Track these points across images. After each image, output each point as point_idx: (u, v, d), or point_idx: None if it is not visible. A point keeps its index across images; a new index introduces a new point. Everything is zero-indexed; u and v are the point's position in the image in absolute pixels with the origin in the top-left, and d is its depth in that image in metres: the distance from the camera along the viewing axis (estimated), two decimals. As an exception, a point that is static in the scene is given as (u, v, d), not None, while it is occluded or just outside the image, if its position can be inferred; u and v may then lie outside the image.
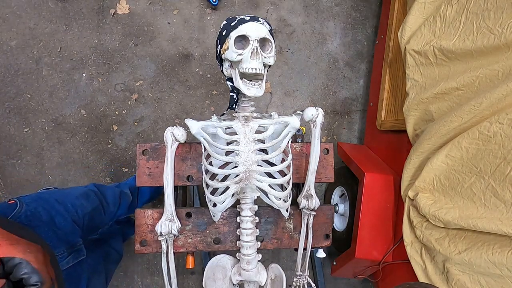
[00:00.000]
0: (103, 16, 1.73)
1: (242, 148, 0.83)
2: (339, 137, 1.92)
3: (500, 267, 0.85)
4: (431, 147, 1.04)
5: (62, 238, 0.89)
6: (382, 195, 1.32)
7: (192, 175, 0.98)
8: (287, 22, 1.86)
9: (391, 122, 1.42)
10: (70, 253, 0.90)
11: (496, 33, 0.88)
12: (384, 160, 1.50)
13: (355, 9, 1.92)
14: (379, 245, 1.30)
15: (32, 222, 0.84)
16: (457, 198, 0.97)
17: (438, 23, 1.06)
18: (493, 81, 0.90)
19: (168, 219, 0.88)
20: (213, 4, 1.74)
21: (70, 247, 0.91)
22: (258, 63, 0.77)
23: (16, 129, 1.65)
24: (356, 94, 1.93)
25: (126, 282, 1.74)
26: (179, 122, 1.77)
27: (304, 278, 0.95)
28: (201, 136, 0.85)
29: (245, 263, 0.83)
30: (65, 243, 0.90)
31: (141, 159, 0.96)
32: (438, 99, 1.06)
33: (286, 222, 1.00)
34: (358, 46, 1.92)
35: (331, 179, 1.04)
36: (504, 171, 0.85)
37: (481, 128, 0.88)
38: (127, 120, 1.74)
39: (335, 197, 1.73)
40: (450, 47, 1.00)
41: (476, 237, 0.93)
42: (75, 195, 1.03)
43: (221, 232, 0.97)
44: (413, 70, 1.16)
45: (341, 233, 1.59)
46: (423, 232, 1.07)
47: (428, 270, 1.07)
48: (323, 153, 1.03)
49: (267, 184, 0.84)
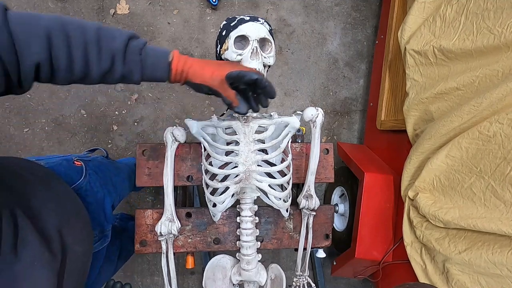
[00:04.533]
0: (102, 16, 1.73)
1: (242, 148, 0.83)
2: (339, 137, 1.92)
3: (500, 267, 0.85)
4: (431, 147, 1.04)
5: (101, 221, 0.87)
6: (382, 195, 1.32)
7: (192, 175, 0.98)
8: (287, 22, 1.86)
9: (391, 122, 1.42)
10: (100, 238, 0.89)
11: (496, 33, 0.88)
12: (384, 160, 1.50)
13: (355, 9, 1.92)
14: (379, 245, 1.30)
15: (87, 197, 0.82)
16: (457, 198, 0.97)
17: (438, 23, 1.06)
18: (493, 81, 0.90)
19: (168, 219, 0.88)
20: (213, 4, 1.74)
21: (101, 231, 0.89)
22: (258, 63, 0.78)
23: (16, 129, 1.65)
24: (356, 94, 1.93)
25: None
26: (179, 122, 1.77)
27: (304, 278, 0.95)
28: (201, 136, 0.85)
29: (245, 263, 0.83)
30: (100, 226, 0.88)
31: (141, 159, 0.96)
32: (438, 99, 1.06)
33: (286, 222, 1.00)
34: (358, 46, 1.92)
35: (331, 179, 1.04)
36: (504, 171, 0.85)
37: (481, 128, 0.88)
38: (127, 120, 1.74)
39: (335, 197, 1.73)
40: (450, 47, 1.00)
41: (476, 237, 0.93)
42: (123, 176, 1.01)
43: (221, 232, 0.97)
44: (413, 70, 1.16)
45: (341, 233, 1.59)
46: (423, 232, 1.07)
47: (428, 270, 1.07)
48: (323, 153, 1.03)
49: (267, 184, 0.84)
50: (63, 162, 0.81)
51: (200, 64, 0.61)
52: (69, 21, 0.50)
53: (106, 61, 0.53)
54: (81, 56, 0.51)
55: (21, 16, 0.47)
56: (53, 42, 0.49)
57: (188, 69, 0.60)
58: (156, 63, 0.57)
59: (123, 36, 0.53)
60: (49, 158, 0.82)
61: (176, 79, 0.62)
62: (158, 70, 0.58)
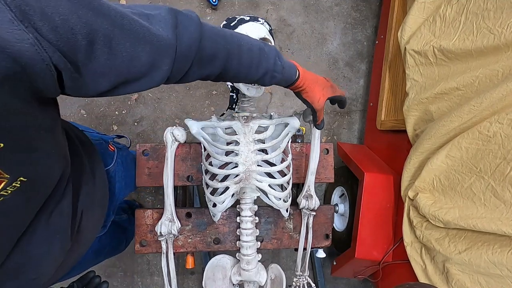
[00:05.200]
0: (103, 16, 1.73)
1: (242, 148, 0.83)
2: (339, 137, 1.92)
3: (500, 267, 0.85)
4: (431, 147, 1.04)
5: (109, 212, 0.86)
6: (382, 195, 1.32)
7: (192, 175, 0.98)
8: (287, 22, 1.86)
9: (391, 122, 1.42)
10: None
11: (496, 33, 0.88)
12: (384, 160, 1.50)
13: (355, 9, 1.92)
14: (379, 245, 1.30)
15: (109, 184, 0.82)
16: (457, 198, 0.97)
17: (438, 23, 1.06)
18: (493, 81, 0.90)
19: (168, 219, 0.88)
20: (213, 4, 1.74)
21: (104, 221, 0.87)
22: (258, 63, 0.77)
23: (16, 129, 1.65)
24: (356, 94, 1.93)
25: (126, 282, 1.74)
26: (179, 122, 1.77)
27: (304, 278, 0.95)
28: (201, 136, 0.85)
29: (245, 263, 0.83)
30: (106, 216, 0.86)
31: (141, 159, 0.96)
32: (438, 99, 1.06)
33: (286, 222, 1.00)
34: (358, 46, 1.92)
35: (331, 179, 1.04)
36: (504, 171, 0.85)
37: (481, 128, 0.88)
38: (127, 120, 1.74)
39: (335, 197, 1.73)
40: (450, 47, 1.00)
41: (476, 237, 0.93)
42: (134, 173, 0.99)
43: (221, 232, 0.97)
44: (413, 70, 1.16)
45: (341, 233, 1.59)
46: (423, 232, 1.07)
47: (428, 270, 1.07)
48: (323, 153, 1.03)
49: (267, 184, 0.84)
50: (102, 143, 0.80)
51: (310, 86, 0.69)
52: (243, 42, 0.56)
53: (258, 75, 0.61)
54: (244, 73, 0.59)
55: (211, 33, 0.51)
56: (228, 63, 0.55)
57: (302, 86, 0.68)
58: (287, 78, 0.65)
59: (273, 55, 0.61)
60: (88, 131, 0.80)
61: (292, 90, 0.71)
62: (285, 83, 0.67)
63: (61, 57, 0.35)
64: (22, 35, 0.31)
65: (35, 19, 0.31)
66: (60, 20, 0.33)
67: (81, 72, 0.38)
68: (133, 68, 0.43)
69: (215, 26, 0.54)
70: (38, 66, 0.33)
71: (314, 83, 0.70)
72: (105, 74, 0.41)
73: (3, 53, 0.30)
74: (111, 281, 1.72)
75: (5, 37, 0.30)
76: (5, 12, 0.30)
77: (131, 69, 0.43)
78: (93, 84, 0.41)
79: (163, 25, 0.44)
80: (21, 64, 0.32)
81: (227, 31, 0.56)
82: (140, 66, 0.44)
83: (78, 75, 0.38)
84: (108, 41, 0.38)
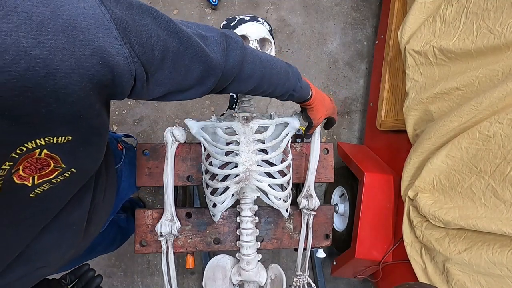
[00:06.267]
0: (103, 16, 1.73)
1: (242, 148, 0.83)
2: (339, 137, 1.92)
3: (500, 267, 0.85)
4: (431, 147, 1.04)
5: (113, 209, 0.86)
6: (382, 195, 1.32)
7: (192, 175, 0.98)
8: (287, 22, 1.86)
9: (391, 122, 1.42)
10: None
11: (496, 33, 0.88)
12: (384, 160, 1.50)
13: (355, 9, 1.92)
14: (379, 245, 1.30)
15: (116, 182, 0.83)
16: (457, 198, 0.97)
17: (438, 23, 1.06)
18: (493, 81, 0.90)
19: (168, 219, 0.88)
20: (213, 4, 1.74)
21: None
22: (258, 63, 0.77)
23: (16, 129, 1.65)
24: (356, 94, 1.93)
25: (126, 282, 1.74)
26: (179, 122, 1.77)
27: (304, 278, 0.95)
28: (201, 136, 0.85)
29: (245, 263, 0.83)
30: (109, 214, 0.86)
31: (141, 159, 0.96)
32: (438, 99, 1.06)
33: (286, 222, 1.00)
34: (358, 46, 1.92)
35: (331, 179, 1.04)
36: (504, 171, 0.85)
37: (481, 128, 0.88)
38: (127, 120, 1.74)
39: (335, 197, 1.73)
40: (450, 47, 1.00)
41: (476, 237, 0.93)
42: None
43: (221, 232, 0.97)
44: (413, 70, 1.16)
45: (341, 233, 1.59)
46: (423, 232, 1.07)
47: (428, 270, 1.07)
48: (323, 153, 1.03)
49: (267, 184, 0.84)
50: (113, 141, 0.82)
51: (318, 105, 0.76)
52: (274, 65, 0.63)
53: (280, 93, 0.68)
54: (270, 91, 0.66)
55: (251, 57, 0.58)
56: (260, 84, 0.62)
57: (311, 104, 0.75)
58: (301, 97, 0.72)
59: (295, 77, 0.68)
60: None
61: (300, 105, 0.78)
62: (298, 100, 0.74)
63: (142, 69, 0.41)
64: (122, 50, 0.36)
65: (131, 36, 0.37)
66: (146, 38, 0.39)
67: (149, 81, 0.44)
68: (185, 81, 0.50)
69: (254, 49, 0.60)
70: (126, 76, 0.38)
71: (321, 103, 0.77)
72: (165, 83, 0.47)
73: (105, 64, 0.35)
74: (111, 281, 1.72)
75: (110, 51, 0.35)
76: (112, 30, 0.35)
77: (184, 82, 0.50)
78: (152, 91, 0.47)
79: (215, 47, 0.51)
80: (114, 73, 0.37)
81: (262, 54, 0.62)
82: (191, 80, 0.51)
83: (146, 84, 0.44)
84: (175, 57, 0.45)
